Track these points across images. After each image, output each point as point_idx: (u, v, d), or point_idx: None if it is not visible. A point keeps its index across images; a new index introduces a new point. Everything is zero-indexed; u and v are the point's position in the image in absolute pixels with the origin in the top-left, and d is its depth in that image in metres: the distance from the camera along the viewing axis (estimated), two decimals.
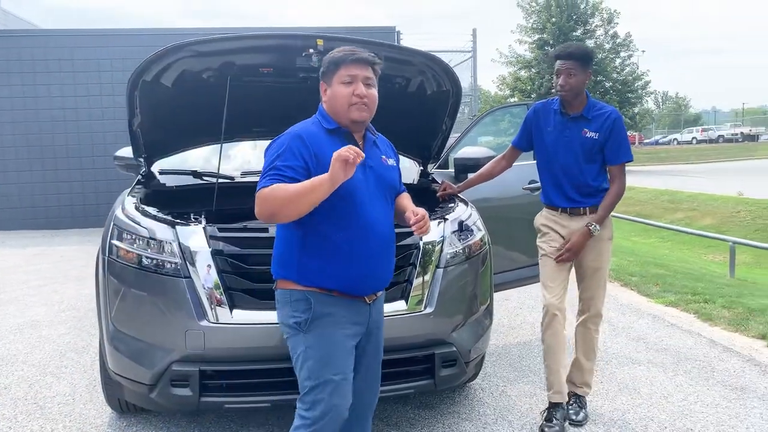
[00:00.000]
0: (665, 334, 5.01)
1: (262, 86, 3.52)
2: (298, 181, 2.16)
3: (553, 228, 3.42)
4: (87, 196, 12.17)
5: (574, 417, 3.41)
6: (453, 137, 4.74)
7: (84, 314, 5.71)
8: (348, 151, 2.03)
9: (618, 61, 36.10)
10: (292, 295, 2.31)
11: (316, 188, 2.10)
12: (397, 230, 3.13)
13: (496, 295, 5.71)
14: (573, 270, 3.47)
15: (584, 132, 3.30)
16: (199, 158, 4.09)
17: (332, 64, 2.30)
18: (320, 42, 3.15)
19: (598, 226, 3.29)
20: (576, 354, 3.54)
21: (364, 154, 2.09)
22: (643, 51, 56.51)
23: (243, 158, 4.33)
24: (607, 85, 34.84)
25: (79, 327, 5.32)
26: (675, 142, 55.25)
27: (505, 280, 4.72)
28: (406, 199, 2.65)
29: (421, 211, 2.38)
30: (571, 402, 3.48)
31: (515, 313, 5.61)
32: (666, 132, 64.10)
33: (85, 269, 7.91)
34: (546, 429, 3.24)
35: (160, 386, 2.83)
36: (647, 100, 45.74)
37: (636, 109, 36.54)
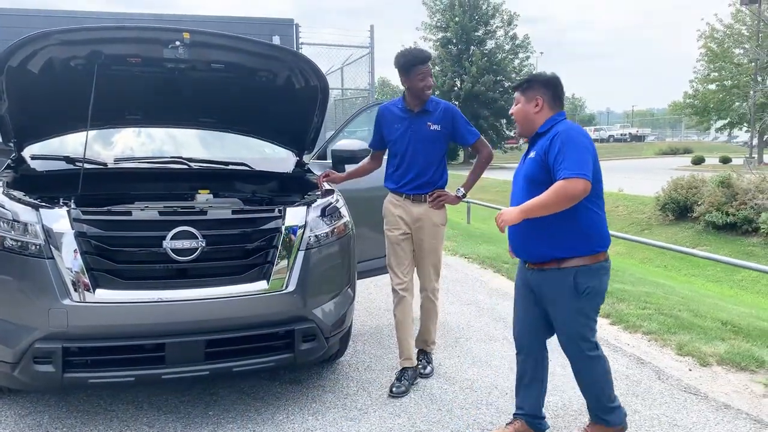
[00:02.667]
0: None
1: (132, 75, 3.63)
2: None
3: (396, 213, 3.87)
4: None
5: (422, 371, 4.00)
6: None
7: None
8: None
9: (517, 61, 37.73)
10: None
11: None
12: (258, 215, 3.37)
13: (375, 280, 6.04)
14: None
15: (428, 125, 3.77)
16: (76, 144, 4.13)
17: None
18: (187, 35, 3.31)
19: (462, 190, 3.93)
20: (422, 321, 4.11)
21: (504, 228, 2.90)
22: (542, 52, 58.94)
23: (123, 145, 4.40)
24: (506, 84, 36.29)
25: None
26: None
27: (376, 267, 5.05)
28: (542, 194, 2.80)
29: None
30: (420, 359, 4.02)
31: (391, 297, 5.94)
32: None
33: None
34: (394, 388, 3.75)
35: (23, 364, 2.91)
36: None
37: None
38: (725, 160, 29.85)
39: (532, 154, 2.99)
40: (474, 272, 7.35)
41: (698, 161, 30.60)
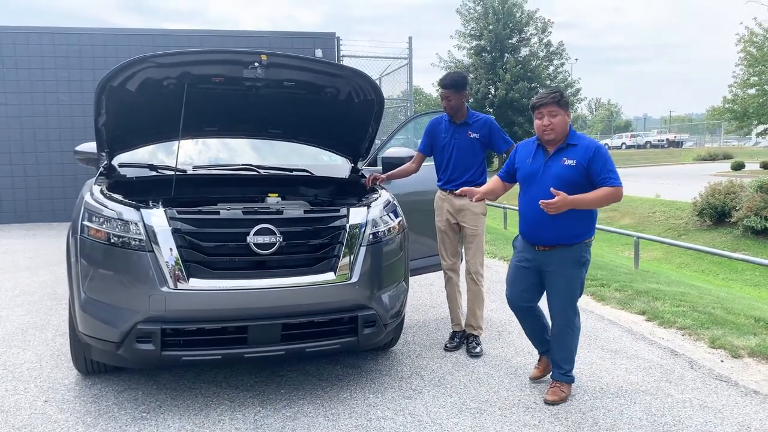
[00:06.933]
0: None
1: (213, 93, 4.10)
2: (502, 176, 3.89)
3: (442, 206, 4.67)
4: (29, 191, 12.31)
5: (473, 350, 4.60)
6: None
7: (39, 299, 6.12)
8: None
9: (551, 68, 37.75)
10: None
11: None
12: (326, 215, 3.80)
13: (422, 279, 6.43)
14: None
15: (468, 134, 4.58)
16: (153, 153, 4.63)
17: (533, 107, 3.64)
18: (264, 57, 3.77)
19: None
20: (468, 306, 4.77)
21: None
22: (576, 59, 58.76)
23: (200, 154, 4.91)
24: (541, 91, 36.31)
25: (36, 309, 5.73)
26: (606, 147, 57.85)
27: (428, 264, 5.45)
28: (592, 193, 3.49)
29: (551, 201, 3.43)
30: (470, 341, 4.69)
31: (436, 295, 6.33)
32: (598, 137, 66.93)
33: (33, 260, 8.24)
34: (448, 344, 4.73)
35: (127, 343, 3.36)
36: (579, 107, 48.00)
37: None
38: (766, 165, 29.38)
39: (571, 162, 3.55)
40: None
41: (738, 167, 30.15)
